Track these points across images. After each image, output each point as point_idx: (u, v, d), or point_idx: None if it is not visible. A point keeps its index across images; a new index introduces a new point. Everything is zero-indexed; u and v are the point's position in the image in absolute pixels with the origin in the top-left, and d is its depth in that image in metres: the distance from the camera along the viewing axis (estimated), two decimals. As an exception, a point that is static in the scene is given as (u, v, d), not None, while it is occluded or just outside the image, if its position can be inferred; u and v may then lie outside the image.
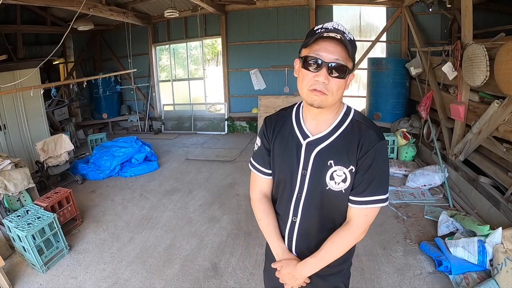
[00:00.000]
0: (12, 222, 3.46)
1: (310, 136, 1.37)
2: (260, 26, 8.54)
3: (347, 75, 1.24)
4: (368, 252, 3.51)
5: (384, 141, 1.31)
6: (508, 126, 3.62)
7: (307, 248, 1.46)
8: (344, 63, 1.21)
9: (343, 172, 1.31)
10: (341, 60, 1.21)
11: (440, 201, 4.48)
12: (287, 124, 1.45)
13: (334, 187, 1.33)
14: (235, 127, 9.25)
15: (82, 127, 9.38)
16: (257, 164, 1.56)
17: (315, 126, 1.37)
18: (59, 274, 3.42)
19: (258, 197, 1.58)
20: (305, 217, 1.42)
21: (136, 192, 5.44)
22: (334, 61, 1.20)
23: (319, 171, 1.35)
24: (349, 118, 1.36)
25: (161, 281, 3.25)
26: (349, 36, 1.23)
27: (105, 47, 10.16)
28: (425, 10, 6.81)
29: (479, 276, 2.92)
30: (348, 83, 1.29)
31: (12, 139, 5.89)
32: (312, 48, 1.23)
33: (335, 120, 1.36)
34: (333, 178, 1.33)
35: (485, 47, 3.80)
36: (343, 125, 1.34)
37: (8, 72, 5.65)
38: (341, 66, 1.21)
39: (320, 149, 1.34)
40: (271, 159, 1.50)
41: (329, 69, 1.21)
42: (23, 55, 7.46)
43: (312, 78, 1.23)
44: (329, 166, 1.32)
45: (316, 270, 1.40)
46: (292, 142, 1.40)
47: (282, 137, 1.44)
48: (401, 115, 6.85)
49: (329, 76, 1.22)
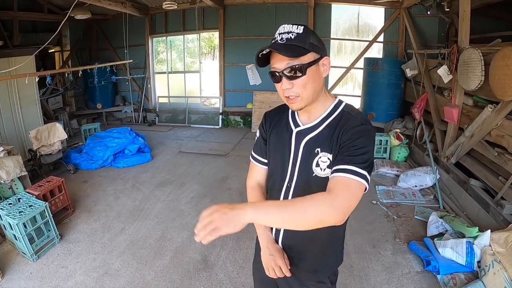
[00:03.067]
0: (4, 210, 3.43)
1: (301, 125, 1.42)
2: (258, 22, 8.52)
3: (306, 70, 1.26)
4: (358, 249, 3.55)
5: (368, 126, 1.29)
6: (500, 131, 3.67)
7: (294, 239, 1.48)
8: (297, 63, 1.24)
9: (327, 158, 1.34)
10: (291, 62, 1.24)
11: (431, 202, 4.53)
12: (284, 117, 1.51)
13: (320, 173, 1.36)
14: (230, 122, 9.25)
15: (76, 116, 9.31)
16: (255, 154, 1.63)
17: (307, 118, 1.42)
18: (50, 263, 3.41)
19: (252, 185, 1.63)
20: None
21: (128, 183, 5.43)
22: (285, 67, 1.25)
23: (307, 160, 1.38)
24: (339, 110, 1.39)
25: (152, 272, 3.27)
26: (290, 36, 1.25)
27: (101, 37, 10.06)
28: (423, 13, 6.82)
29: (466, 277, 2.96)
30: (323, 69, 1.32)
31: (5, 127, 5.84)
32: (271, 63, 1.31)
33: (325, 111, 1.39)
34: (319, 165, 1.35)
35: (481, 52, 3.83)
36: (332, 115, 1.38)
37: (3, 59, 5.58)
38: (293, 67, 1.25)
39: (309, 138, 1.39)
40: (267, 149, 1.56)
41: (285, 75, 1.27)
42: (19, 42, 7.36)
43: (281, 88, 1.31)
44: (316, 154, 1.36)
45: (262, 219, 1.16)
46: (286, 132, 1.46)
47: (278, 128, 1.50)
48: (395, 115, 6.90)
49: (290, 81, 1.27)
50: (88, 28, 9.87)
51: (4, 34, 6.98)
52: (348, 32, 8.25)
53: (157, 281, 3.16)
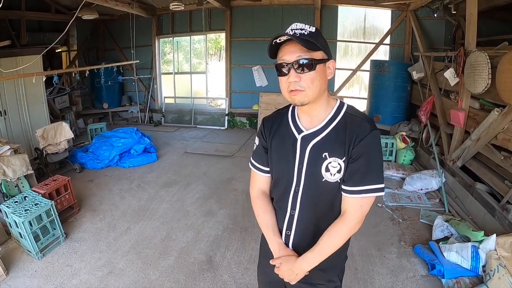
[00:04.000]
0: (10, 208, 3.47)
1: (304, 131, 1.42)
2: (265, 23, 8.52)
3: (316, 66, 1.29)
4: (363, 252, 3.54)
5: (377, 131, 1.35)
6: (507, 135, 3.64)
7: (304, 241, 1.48)
8: (308, 57, 1.27)
9: (338, 163, 1.35)
10: (303, 55, 1.27)
11: (436, 206, 4.50)
12: (283, 123, 1.51)
13: (330, 178, 1.37)
14: (235, 123, 9.26)
15: (82, 116, 9.38)
16: (255, 162, 1.62)
17: (310, 122, 1.43)
18: (55, 262, 3.44)
19: (257, 194, 1.63)
20: (303, 209, 1.46)
21: (134, 183, 5.45)
22: (295, 59, 1.27)
23: (315, 164, 1.39)
24: (342, 112, 1.40)
25: (156, 272, 3.28)
26: (304, 32, 1.28)
27: (108, 37, 10.12)
28: (430, 15, 6.81)
29: (471, 281, 2.94)
30: (328, 72, 1.35)
31: (12, 125, 5.90)
32: (278, 57, 1.34)
33: (328, 114, 1.40)
34: (329, 170, 1.37)
35: (488, 55, 3.81)
36: (337, 118, 1.39)
37: (10, 58, 5.63)
38: (304, 61, 1.27)
39: (315, 142, 1.39)
40: (269, 157, 1.55)
41: (295, 68, 1.28)
42: (26, 41, 7.43)
43: (286, 81, 1.32)
44: (324, 158, 1.37)
45: (316, 264, 1.42)
46: (288, 138, 1.46)
47: (279, 135, 1.50)
48: (401, 118, 6.87)
49: (299, 74, 1.28)
50: (95, 28, 9.93)
51: (12, 33, 7.04)
52: (354, 34, 8.23)
53: (161, 281, 3.16)
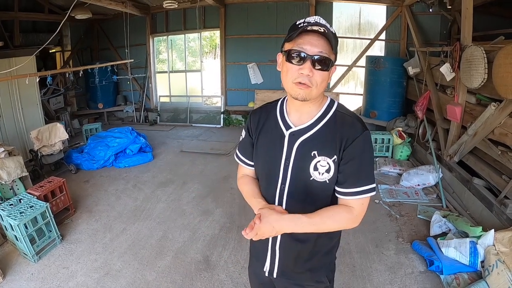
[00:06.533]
0: (5, 211, 3.43)
1: (293, 127, 1.38)
2: (259, 20, 8.49)
3: (330, 68, 1.26)
4: (360, 249, 3.53)
5: (368, 131, 1.33)
6: (504, 129, 3.64)
7: (292, 239, 1.44)
8: (328, 56, 1.23)
9: (327, 162, 1.32)
10: (325, 53, 1.22)
11: (434, 201, 4.50)
12: (271, 117, 1.46)
13: (318, 177, 1.33)
14: (231, 121, 9.23)
15: (77, 116, 9.31)
16: (241, 155, 1.62)
17: (299, 118, 1.39)
18: (51, 264, 3.41)
19: (242, 176, 1.64)
20: (289, 208, 1.40)
21: (129, 183, 5.42)
22: (317, 54, 1.22)
23: (302, 161, 1.35)
24: (333, 110, 1.37)
25: (153, 273, 3.25)
26: (332, 30, 1.24)
27: (102, 37, 10.05)
28: (425, 10, 6.80)
29: (470, 277, 2.94)
30: (330, 75, 1.31)
31: (6, 127, 5.83)
32: (296, 42, 1.24)
33: (318, 111, 1.37)
34: (317, 169, 1.33)
35: (484, 49, 3.80)
36: (327, 116, 1.36)
37: (4, 59, 5.56)
38: (324, 59, 1.23)
39: (303, 139, 1.35)
40: (255, 151, 1.52)
41: (313, 62, 1.22)
42: (19, 42, 7.36)
43: (297, 71, 1.24)
44: (313, 157, 1.33)
45: (296, 230, 1.32)
46: (276, 133, 1.42)
47: (267, 129, 1.46)
48: (397, 114, 6.86)
49: (313, 69, 1.23)
50: (89, 28, 9.86)
51: (5, 34, 6.96)
52: (349, 30, 8.21)
53: (158, 281, 3.14)
